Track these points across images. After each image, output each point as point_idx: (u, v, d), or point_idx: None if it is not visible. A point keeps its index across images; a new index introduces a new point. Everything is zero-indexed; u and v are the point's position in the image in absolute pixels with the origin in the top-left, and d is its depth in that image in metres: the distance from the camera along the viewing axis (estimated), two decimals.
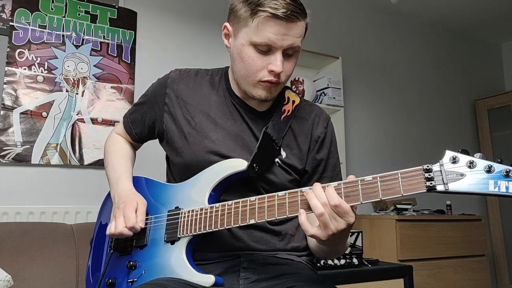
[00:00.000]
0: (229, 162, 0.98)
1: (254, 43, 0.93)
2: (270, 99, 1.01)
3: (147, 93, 1.15)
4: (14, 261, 1.58)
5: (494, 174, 0.70)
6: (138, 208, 0.98)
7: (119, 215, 0.97)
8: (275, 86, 0.98)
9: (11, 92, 2.07)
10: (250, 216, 0.87)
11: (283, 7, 0.89)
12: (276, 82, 0.96)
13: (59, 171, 2.15)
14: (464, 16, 3.68)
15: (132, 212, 0.97)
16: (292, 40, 0.93)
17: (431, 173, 0.73)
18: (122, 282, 0.99)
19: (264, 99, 0.99)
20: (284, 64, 0.95)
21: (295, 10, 0.90)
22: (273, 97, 1.02)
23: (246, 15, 0.93)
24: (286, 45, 0.93)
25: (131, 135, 1.19)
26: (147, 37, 2.49)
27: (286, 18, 0.90)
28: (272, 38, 0.91)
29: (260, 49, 0.94)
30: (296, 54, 0.98)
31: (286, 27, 0.91)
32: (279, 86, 1.00)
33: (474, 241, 2.82)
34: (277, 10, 0.89)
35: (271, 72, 0.94)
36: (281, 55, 0.94)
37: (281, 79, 0.97)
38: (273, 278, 0.93)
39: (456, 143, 3.73)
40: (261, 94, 0.98)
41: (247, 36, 0.94)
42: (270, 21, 0.90)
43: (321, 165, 1.08)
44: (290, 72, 0.99)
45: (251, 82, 0.98)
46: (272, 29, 0.91)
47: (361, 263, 2.08)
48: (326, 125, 1.10)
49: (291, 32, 0.92)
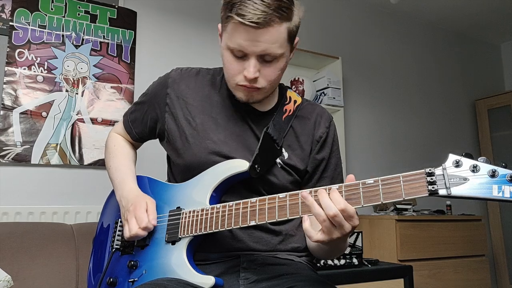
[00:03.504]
0: (231, 162, 0.98)
1: (229, 48, 0.93)
2: (252, 101, 1.00)
3: (147, 92, 1.14)
4: (14, 261, 1.58)
5: (498, 179, 0.68)
6: (148, 207, 0.98)
7: (131, 218, 0.97)
8: (256, 91, 0.96)
9: (11, 92, 2.06)
10: (250, 218, 0.87)
11: (251, 13, 0.85)
12: (252, 87, 0.95)
13: (59, 171, 2.15)
14: (464, 16, 3.68)
15: (143, 212, 0.97)
16: (264, 46, 0.89)
17: (433, 177, 0.72)
18: (123, 282, 0.99)
19: (245, 101, 0.99)
20: (263, 70, 0.93)
21: (267, 16, 0.86)
22: (256, 100, 1.00)
23: (223, 18, 0.93)
24: (258, 51, 0.90)
25: (131, 134, 1.18)
26: (147, 37, 2.48)
27: (254, 26, 0.86)
28: (242, 44, 0.90)
29: (235, 54, 0.93)
30: (278, 60, 0.94)
31: (255, 33, 0.87)
32: (261, 91, 0.97)
33: (474, 241, 2.82)
34: (244, 17, 0.86)
35: (245, 78, 0.93)
36: (255, 61, 0.91)
37: (259, 84, 0.95)
38: (273, 278, 0.93)
39: (456, 143, 3.73)
40: (241, 96, 0.98)
41: (225, 40, 0.94)
42: (239, 27, 0.88)
43: (321, 165, 1.07)
44: (273, 78, 0.96)
45: (231, 85, 0.99)
46: (241, 35, 0.89)
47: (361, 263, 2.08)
48: (328, 125, 1.09)
49: (261, 38, 0.88)
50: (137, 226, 0.95)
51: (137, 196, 1.02)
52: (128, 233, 0.96)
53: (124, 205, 1.03)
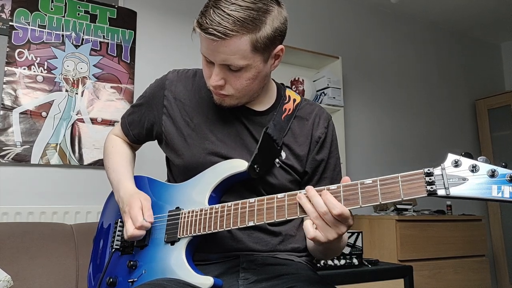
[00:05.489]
0: (230, 162, 0.98)
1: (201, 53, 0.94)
2: (225, 105, 1.00)
3: (145, 95, 1.14)
4: (14, 261, 1.58)
5: (497, 179, 0.67)
6: (142, 205, 0.98)
7: (127, 219, 0.97)
8: (227, 97, 0.97)
9: (10, 92, 2.06)
10: (249, 218, 0.87)
11: (209, 25, 0.85)
12: (220, 94, 0.96)
13: (58, 171, 2.15)
14: (464, 16, 3.67)
15: (138, 211, 0.97)
16: (223, 57, 0.88)
17: (432, 177, 0.71)
18: (123, 282, 0.99)
19: (218, 104, 1.00)
20: (230, 78, 0.93)
21: (222, 28, 0.84)
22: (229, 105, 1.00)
23: None
24: (218, 60, 0.90)
25: (129, 136, 1.18)
26: (147, 37, 2.48)
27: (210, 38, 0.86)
28: (204, 53, 0.92)
29: (206, 59, 0.94)
30: (247, 70, 0.92)
31: (214, 44, 0.87)
32: (232, 97, 0.97)
33: (474, 241, 2.82)
34: (200, 27, 0.87)
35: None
36: (219, 69, 0.92)
37: (225, 91, 0.95)
38: (272, 278, 0.93)
39: (456, 143, 3.73)
40: (215, 99, 1.00)
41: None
42: (201, 35, 0.89)
43: (321, 166, 1.07)
44: (241, 87, 0.94)
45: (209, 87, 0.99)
46: (203, 43, 0.90)
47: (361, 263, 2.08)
48: (327, 125, 1.09)
49: (219, 49, 0.87)
50: (132, 226, 0.95)
51: (131, 196, 1.01)
52: (126, 235, 0.97)
53: (121, 207, 1.03)
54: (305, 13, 3.12)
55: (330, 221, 0.77)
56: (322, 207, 0.77)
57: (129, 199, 1.01)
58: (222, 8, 0.85)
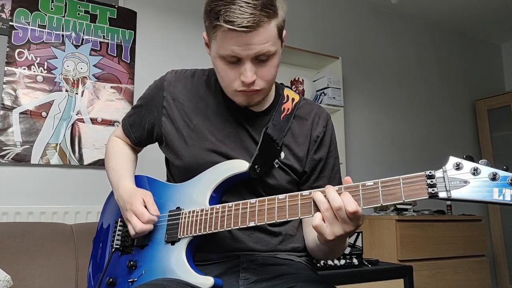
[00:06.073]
0: (231, 163, 0.98)
1: (221, 56, 0.91)
2: (253, 104, 0.99)
3: (144, 96, 1.14)
4: (14, 261, 1.58)
5: (498, 182, 0.67)
6: (145, 201, 0.98)
7: (131, 216, 0.97)
8: (256, 93, 0.96)
9: (10, 92, 2.06)
10: (250, 219, 0.87)
11: (240, 18, 0.84)
12: (252, 91, 0.94)
13: (58, 171, 2.14)
14: (464, 16, 3.67)
15: (141, 207, 0.97)
16: (257, 48, 0.88)
17: (433, 180, 0.72)
18: (123, 282, 0.99)
19: (245, 105, 0.98)
20: (260, 71, 0.92)
21: (255, 18, 0.84)
22: (257, 102, 1.00)
23: (209, 28, 0.92)
24: (252, 54, 0.89)
25: (130, 138, 1.18)
26: (147, 37, 2.48)
27: (244, 30, 0.85)
28: (235, 50, 0.88)
29: (229, 60, 0.92)
30: (273, 57, 0.93)
31: (247, 37, 0.86)
32: (261, 92, 0.97)
33: (474, 241, 2.82)
34: (233, 24, 0.84)
35: (243, 83, 0.92)
36: (251, 64, 0.90)
37: (257, 86, 0.94)
38: (272, 278, 0.93)
39: (456, 143, 3.73)
40: (242, 101, 0.97)
41: (215, 49, 0.93)
42: (228, 34, 0.87)
43: (319, 165, 1.06)
44: (270, 77, 0.95)
45: (229, 92, 0.97)
46: (232, 41, 0.87)
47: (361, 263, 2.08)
48: (326, 124, 1.09)
49: (253, 41, 0.87)
50: (139, 221, 0.95)
51: (132, 193, 1.01)
52: (133, 231, 0.96)
53: (122, 205, 1.03)
54: (305, 13, 3.12)
55: (342, 217, 0.76)
56: (337, 202, 0.76)
57: (129, 196, 1.01)
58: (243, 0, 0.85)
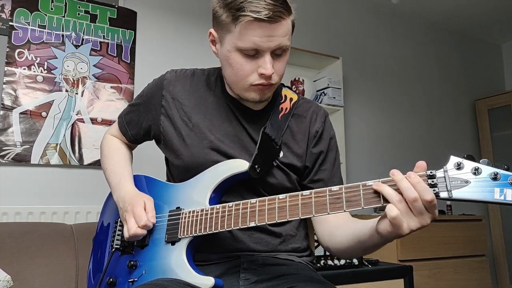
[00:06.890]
0: (231, 162, 0.98)
1: (240, 48, 0.91)
2: (264, 99, 1.00)
3: (142, 94, 1.13)
4: (14, 261, 1.58)
5: (500, 182, 0.67)
6: (146, 206, 0.98)
7: (129, 217, 0.97)
8: (268, 88, 0.97)
9: (10, 92, 2.06)
10: (250, 219, 0.87)
11: (265, 9, 0.85)
12: (268, 84, 0.95)
13: (58, 171, 2.14)
14: (465, 16, 3.67)
15: (142, 210, 0.96)
16: (279, 40, 0.90)
17: (434, 179, 0.71)
18: (123, 282, 0.99)
19: (258, 100, 0.98)
20: (275, 65, 0.93)
21: (278, 10, 0.87)
22: (267, 98, 1.01)
23: (228, 20, 0.91)
24: (273, 46, 0.90)
25: (126, 136, 1.17)
26: (147, 37, 2.48)
27: (269, 20, 0.86)
28: (257, 42, 0.89)
29: (247, 54, 0.92)
30: (286, 53, 0.95)
31: (270, 28, 0.88)
32: (273, 87, 0.98)
33: (474, 241, 2.82)
34: (260, 13, 0.85)
35: (261, 76, 0.92)
36: (270, 57, 0.91)
37: (273, 80, 0.95)
38: (273, 278, 0.93)
39: (456, 143, 3.73)
40: (254, 96, 0.97)
41: (232, 42, 0.92)
42: (253, 24, 0.87)
43: (320, 158, 1.06)
44: (282, 71, 0.97)
45: (242, 87, 0.96)
46: (256, 32, 0.88)
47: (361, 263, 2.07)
48: (324, 121, 1.09)
49: (276, 32, 0.89)
50: (136, 225, 0.95)
51: (134, 196, 1.01)
52: (127, 233, 0.96)
53: (122, 206, 1.02)
54: (305, 13, 3.12)
55: (418, 209, 0.70)
56: (412, 192, 0.70)
57: (132, 198, 1.00)
58: None
